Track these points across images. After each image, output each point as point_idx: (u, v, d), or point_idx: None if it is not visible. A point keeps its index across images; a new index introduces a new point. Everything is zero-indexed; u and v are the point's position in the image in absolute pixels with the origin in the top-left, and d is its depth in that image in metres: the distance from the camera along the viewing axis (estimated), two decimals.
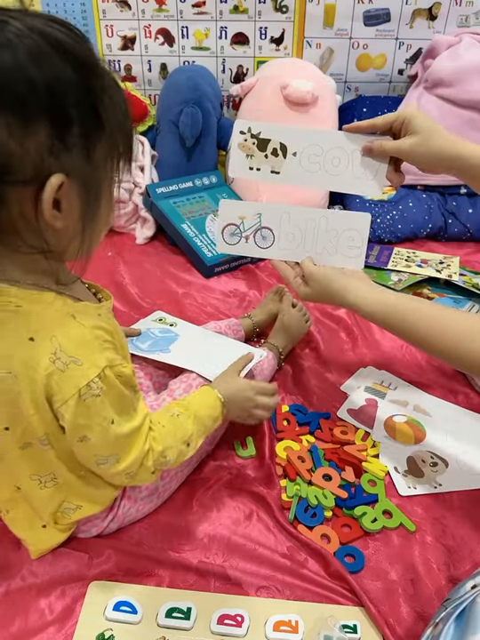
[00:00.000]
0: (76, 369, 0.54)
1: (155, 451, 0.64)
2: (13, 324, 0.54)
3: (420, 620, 0.66)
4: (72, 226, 0.52)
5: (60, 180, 0.47)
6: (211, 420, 0.73)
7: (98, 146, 0.49)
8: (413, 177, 1.59)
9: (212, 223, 1.48)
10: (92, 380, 0.54)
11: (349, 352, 1.12)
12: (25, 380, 0.54)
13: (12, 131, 0.44)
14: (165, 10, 1.63)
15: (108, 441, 0.59)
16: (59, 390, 0.54)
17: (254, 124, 0.82)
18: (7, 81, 0.43)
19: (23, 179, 0.46)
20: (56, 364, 0.53)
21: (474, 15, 1.67)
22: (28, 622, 0.65)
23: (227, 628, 0.65)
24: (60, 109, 0.45)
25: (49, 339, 0.53)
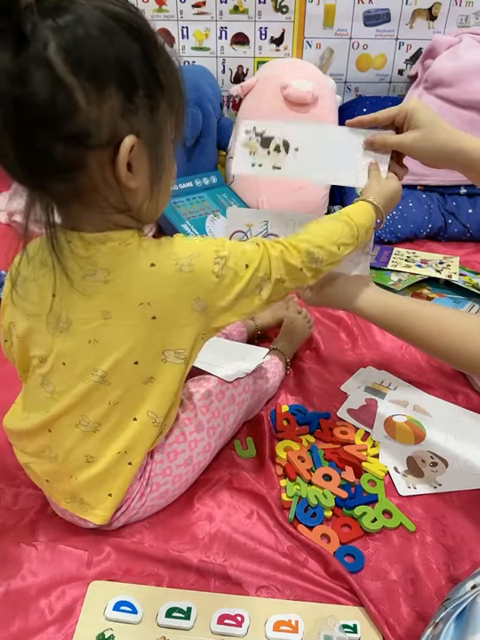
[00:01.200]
0: (199, 260, 0.60)
1: (298, 247, 0.68)
2: (130, 259, 0.58)
3: (420, 620, 0.66)
4: (143, 185, 0.57)
5: (132, 142, 0.51)
6: (363, 230, 0.75)
7: (159, 105, 0.54)
8: (413, 177, 1.59)
9: (212, 223, 1.48)
10: (215, 257, 0.61)
11: (349, 352, 1.12)
12: (161, 301, 0.60)
13: (90, 97, 0.48)
14: (165, 10, 1.63)
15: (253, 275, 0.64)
16: (200, 287, 0.61)
17: (259, 123, 0.84)
18: (83, 52, 0.47)
19: (100, 142, 0.50)
20: (184, 270, 0.59)
21: (474, 15, 1.67)
22: (28, 622, 0.65)
23: (227, 628, 0.65)
24: (127, 75, 0.50)
25: (166, 256, 0.59)
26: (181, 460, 0.76)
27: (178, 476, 0.76)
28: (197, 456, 0.78)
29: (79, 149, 0.50)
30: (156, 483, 0.74)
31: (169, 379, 0.66)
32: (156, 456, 0.74)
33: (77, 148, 0.50)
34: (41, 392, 0.66)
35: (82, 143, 0.50)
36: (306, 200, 1.56)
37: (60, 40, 0.46)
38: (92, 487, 0.69)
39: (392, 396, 1.00)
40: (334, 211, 1.64)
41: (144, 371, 0.64)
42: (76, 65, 0.47)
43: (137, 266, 0.58)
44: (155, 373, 0.65)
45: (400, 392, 1.01)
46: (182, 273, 0.59)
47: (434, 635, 0.54)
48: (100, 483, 0.69)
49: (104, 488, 0.69)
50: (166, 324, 0.61)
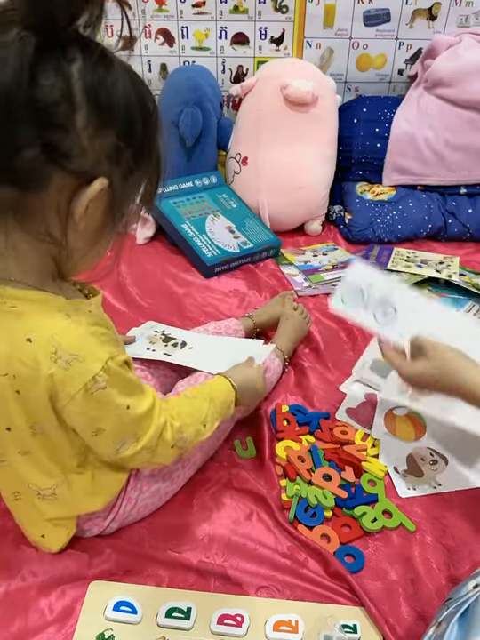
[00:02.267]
0: (80, 365, 0.54)
1: (173, 426, 0.65)
2: (9, 324, 0.54)
3: (421, 620, 0.66)
4: (87, 233, 0.54)
5: (103, 185, 0.50)
6: (225, 406, 0.74)
7: (135, 173, 0.54)
8: (413, 177, 1.59)
9: (211, 223, 1.48)
10: (97, 373, 0.55)
11: (349, 352, 1.12)
12: (25, 380, 0.55)
13: (89, 124, 0.48)
14: (165, 10, 1.63)
15: (126, 425, 0.60)
16: (63, 388, 0.55)
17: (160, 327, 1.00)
18: (103, 87, 0.48)
19: (75, 169, 0.49)
20: (58, 364, 0.54)
21: (474, 15, 1.67)
22: (28, 622, 0.65)
23: (227, 628, 0.65)
24: (128, 130, 0.51)
25: (47, 339, 0.53)
26: None
27: (168, 474, 0.76)
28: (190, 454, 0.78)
29: (50, 163, 0.48)
30: (146, 484, 0.74)
31: (43, 451, 0.62)
32: None
33: (50, 161, 0.48)
34: None
35: (57, 160, 0.48)
36: (306, 200, 1.56)
37: (87, 66, 0.47)
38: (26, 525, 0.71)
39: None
40: (334, 211, 1.64)
41: (17, 440, 0.60)
42: (91, 92, 0.48)
43: (14, 334, 0.54)
44: (27, 447, 0.61)
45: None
46: (54, 365, 0.54)
47: (437, 634, 0.54)
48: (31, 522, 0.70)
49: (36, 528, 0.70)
50: (28, 403, 0.57)
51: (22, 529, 0.72)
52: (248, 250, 1.43)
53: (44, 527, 0.69)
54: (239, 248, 1.43)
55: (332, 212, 1.65)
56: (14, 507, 0.70)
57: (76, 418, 0.58)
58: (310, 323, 1.14)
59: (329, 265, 1.43)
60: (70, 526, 0.69)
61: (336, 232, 1.62)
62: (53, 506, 0.66)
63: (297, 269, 1.42)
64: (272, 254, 1.48)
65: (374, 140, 1.61)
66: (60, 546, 0.71)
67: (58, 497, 0.65)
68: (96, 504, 0.69)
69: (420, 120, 1.57)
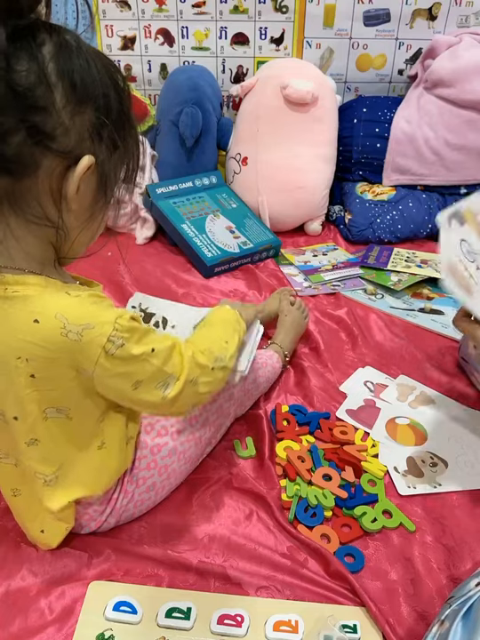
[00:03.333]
0: (92, 332, 0.55)
1: (203, 351, 0.67)
2: (14, 309, 0.55)
3: (421, 620, 0.66)
4: (82, 212, 0.56)
5: (90, 162, 0.52)
6: (233, 321, 0.77)
7: (118, 149, 0.56)
8: (413, 177, 1.59)
9: (211, 223, 1.48)
10: (110, 334, 0.56)
11: (349, 352, 1.12)
12: (40, 361, 0.56)
13: (68, 102, 0.50)
14: (165, 10, 1.63)
15: (159, 368, 0.61)
16: (85, 358, 0.56)
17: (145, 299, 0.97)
18: (75, 66, 0.50)
19: (61, 149, 0.51)
20: (70, 337, 0.55)
21: (474, 15, 1.67)
22: (28, 622, 0.65)
23: (227, 628, 0.65)
24: (105, 105, 0.53)
25: (53, 316, 0.54)
26: (165, 451, 0.76)
27: (163, 467, 0.76)
28: (181, 445, 0.78)
29: (38, 147, 0.50)
30: (141, 478, 0.74)
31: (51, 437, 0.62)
32: (138, 452, 0.74)
33: (37, 144, 0.49)
34: None
35: (43, 142, 0.50)
36: (306, 200, 1.56)
37: (56, 47, 0.49)
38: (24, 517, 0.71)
39: (400, 380, 1.02)
40: (334, 211, 1.64)
41: (24, 428, 0.61)
42: (65, 72, 0.49)
43: (19, 317, 0.55)
44: (36, 434, 0.61)
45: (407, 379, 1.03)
46: (67, 339, 0.55)
47: (441, 633, 0.54)
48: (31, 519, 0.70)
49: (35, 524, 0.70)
50: (45, 385, 0.58)
51: (21, 525, 0.72)
52: (248, 250, 1.43)
53: (44, 522, 0.69)
54: (239, 248, 1.43)
55: (332, 212, 1.65)
56: (13, 503, 0.70)
57: (110, 380, 0.59)
58: (308, 317, 1.14)
59: (329, 265, 1.43)
60: (69, 520, 0.69)
61: (336, 232, 1.62)
62: (56, 491, 0.66)
63: (297, 269, 1.42)
64: (272, 254, 1.48)
65: (374, 140, 1.61)
66: (58, 541, 0.71)
67: (59, 480, 0.65)
68: (100, 484, 0.69)
69: (419, 120, 1.57)
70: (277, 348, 1.03)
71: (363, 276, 1.38)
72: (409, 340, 1.16)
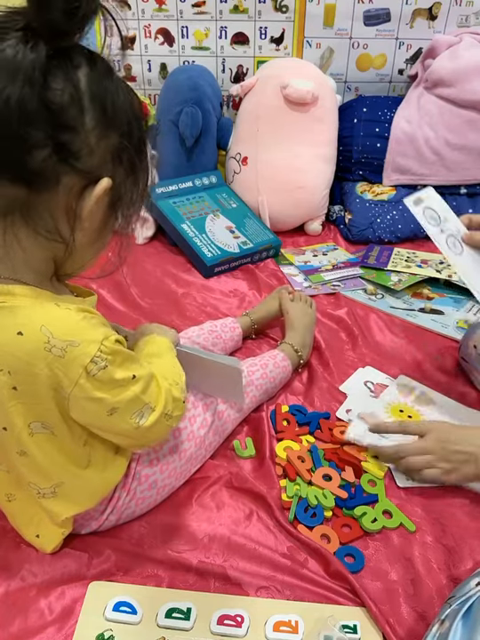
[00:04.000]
0: (76, 350, 0.54)
1: (175, 383, 0.66)
2: (6, 319, 0.54)
3: (421, 620, 0.66)
4: (90, 232, 0.56)
5: (109, 184, 0.54)
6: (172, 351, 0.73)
7: (135, 173, 0.57)
8: (413, 177, 1.59)
9: (211, 223, 1.48)
10: (95, 355, 0.55)
11: (349, 352, 1.12)
12: (22, 375, 0.55)
13: (97, 126, 0.52)
14: (165, 10, 1.63)
15: (137, 396, 0.60)
16: (64, 376, 0.55)
17: None
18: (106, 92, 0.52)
19: (83, 169, 0.52)
20: (53, 352, 0.54)
21: (474, 15, 1.67)
22: (28, 622, 0.65)
23: (227, 629, 0.65)
24: (129, 133, 0.55)
25: (38, 329, 0.53)
26: (166, 449, 0.76)
27: (165, 464, 0.76)
28: (182, 444, 0.78)
29: (61, 164, 0.51)
30: (143, 475, 0.74)
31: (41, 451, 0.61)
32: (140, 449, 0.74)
33: (61, 161, 0.51)
34: None
35: (67, 160, 0.51)
36: (306, 200, 1.56)
37: (91, 72, 0.51)
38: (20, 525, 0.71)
39: (400, 380, 1.02)
40: (334, 211, 1.64)
41: (13, 440, 0.60)
42: (97, 96, 0.51)
43: (4, 329, 0.54)
44: (24, 447, 0.61)
45: (407, 379, 1.03)
46: (50, 354, 0.54)
47: (441, 632, 0.54)
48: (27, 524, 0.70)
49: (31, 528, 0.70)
50: (27, 398, 0.57)
51: (17, 529, 0.72)
52: (248, 250, 1.43)
53: (39, 526, 0.69)
54: (239, 248, 1.43)
55: (332, 212, 1.65)
56: (8, 508, 0.70)
57: (86, 404, 0.57)
58: (314, 305, 1.13)
59: (329, 265, 1.43)
60: (67, 525, 0.69)
61: (336, 232, 1.62)
62: (55, 503, 0.66)
63: (297, 269, 1.42)
64: (272, 254, 1.48)
65: (374, 140, 1.61)
66: (53, 547, 0.70)
67: (59, 495, 0.65)
68: (94, 500, 0.69)
69: (419, 120, 1.57)
70: (285, 345, 1.02)
71: (363, 276, 1.37)
72: (409, 340, 1.15)
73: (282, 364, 0.98)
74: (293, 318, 1.08)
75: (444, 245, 0.85)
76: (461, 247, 0.86)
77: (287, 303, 1.11)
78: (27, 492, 0.66)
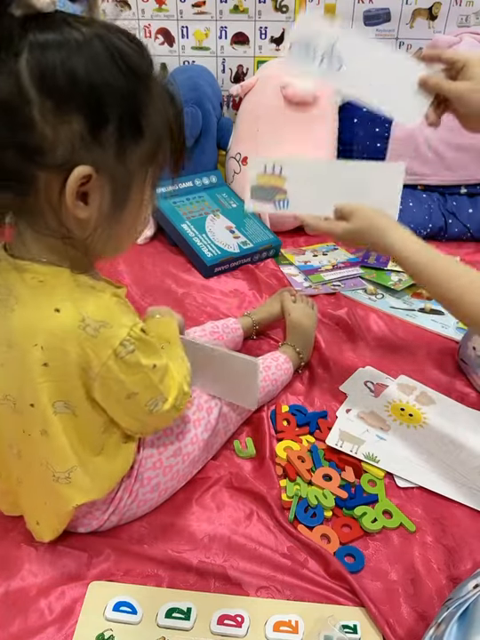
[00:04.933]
0: (107, 331, 0.56)
1: (185, 376, 0.68)
2: (37, 296, 0.56)
3: (421, 620, 0.66)
4: (97, 219, 0.54)
5: (85, 172, 0.50)
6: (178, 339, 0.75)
7: (134, 149, 0.53)
8: (413, 177, 1.59)
9: (211, 223, 1.48)
10: (124, 338, 0.57)
11: (349, 352, 1.12)
12: (54, 351, 0.56)
13: (47, 116, 0.47)
14: (165, 10, 1.63)
15: (155, 385, 0.63)
16: (95, 356, 0.57)
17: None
18: (55, 72, 0.47)
19: (53, 163, 0.49)
20: (87, 331, 0.55)
21: (474, 15, 1.67)
22: (28, 622, 0.65)
23: (227, 629, 0.65)
24: (97, 107, 0.49)
25: (75, 308, 0.55)
26: (170, 451, 0.76)
27: (168, 467, 0.76)
28: (186, 447, 0.78)
29: (29, 164, 0.49)
30: (146, 477, 0.74)
31: (63, 432, 0.62)
32: (144, 451, 0.74)
33: (27, 161, 0.49)
34: None
35: (32, 158, 0.49)
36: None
37: (34, 55, 0.46)
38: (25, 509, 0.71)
39: (400, 380, 1.02)
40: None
41: (38, 418, 0.61)
42: (43, 83, 0.47)
43: (42, 306, 0.56)
44: (47, 425, 0.61)
45: (407, 379, 1.03)
46: (83, 333, 0.55)
47: (436, 635, 0.54)
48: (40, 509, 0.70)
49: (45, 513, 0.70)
50: (56, 375, 0.58)
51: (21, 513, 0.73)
52: (248, 250, 1.43)
53: (41, 515, 0.69)
54: (239, 248, 1.43)
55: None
56: (17, 490, 0.70)
57: (110, 384, 0.59)
58: (316, 307, 1.13)
59: (329, 265, 1.43)
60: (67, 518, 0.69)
61: None
62: (67, 489, 0.66)
63: (297, 269, 1.42)
64: (272, 254, 1.48)
65: (374, 140, 1.60)
66: (51, 537, 0.71)
67: (72, 481, 0.65)
68: (103, 490, 0.69)
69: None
70: (287, 347, 1.02)
71: (363, 276, 1.37)
72: (409, 340, 1.15)
73: (284, 367, 0.98)
74: (295, 320, 1.08)
75: None
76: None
77: (289, 305, 1.11)
78: (36, 477, 0.66)
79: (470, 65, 0.76)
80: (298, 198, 0.87)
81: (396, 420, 0.93)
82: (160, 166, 0.57)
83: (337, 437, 0.88)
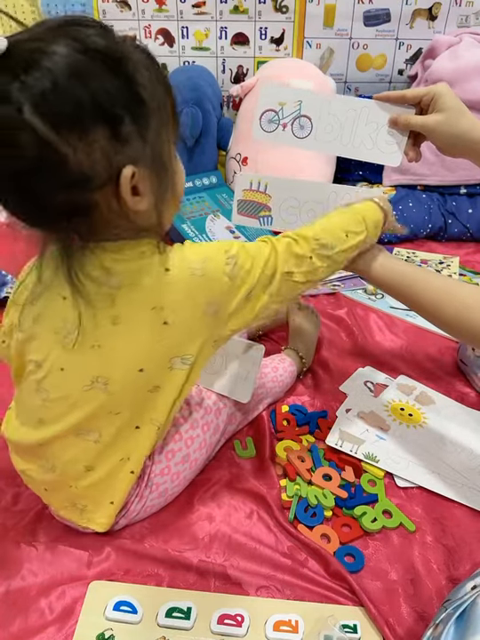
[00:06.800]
0: (211, 264, 0.61)
1: (305, 237, 0.69)
2: (144, 265, 0.59)
3: (421, 620, 0.66)
4: (155, 201, 0.57)
5: (129, 172, 0.52)
6: (371, 222, 0.76)
7: (149, 123, 0.53)
8: (413, 177, 1.59)
9: (211, 223, 1.48)
10: (225, 260, 0.62)
11: (349, 352, 1.12)
12: (176, 306, 0.60)
13: (76, 146, 0.49)
14: (165, 10, 1.63)
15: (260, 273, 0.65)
16: (213, 288, 0.62)
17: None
18: (58, 105, 0.47)
19: (100, 182, 0.52)
20: (196, 274, 0.60)
21: (474, 15, 1.67)
22: (28, 622, 0.65)
23: (227, 628, 0.65)
24: (108, 112, 0.50)
25: (180, 260, 0.60)
26: (179, 457, 0.76)
27: (176, 474, 0.76)
28: (194, 453, 0.78)
29: (82, 193, 0.52)
30: (155, 483, 0.74)
31: (174, 386, 0.66)
32: (154, 457, 0.74)
33: (79, 192, 0.51)
34: (34, 399, 0.65)
35: (82, 188, 0.51)
36: None
37: (31, 100, 0.46)
38: (92, 495, 0.69)
39: (400, 380, 1.02)
40: None
41: (149, 379, 0.63)
42: (55, 121, 0.47)
43: (151, 271, 0.59)
44: (160, 381, 0.64)
45: (407, 379, 1.03)
46: (195, 277, 0.60)
47: (434, 636, 0.54)
48: (102, 491, 0.69)
49: (106, 496, 0.70)
50: (177, 330, 0.61)
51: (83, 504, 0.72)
52: None
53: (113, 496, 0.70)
54: None
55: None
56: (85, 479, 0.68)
57: (234, 297, 0.63)
58: (319, 317, 1.13)
59: None
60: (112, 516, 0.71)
61: None
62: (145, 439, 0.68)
63: None
64: None
65: None
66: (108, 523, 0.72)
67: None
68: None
69: None
70: (291, 351, 1.03)
71: None
72: (409, 340, 1.16)
73: (289, 369, 0.99)
74: (299, 325, 1.08)
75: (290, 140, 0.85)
76: (310, 124, 0.83)
77: (294, 310, 1.11)
78: (111, 462, 0.67)
79: (440, 95, 0.76)
80: (282, 217, 0.87)
81: (395, 419, 0.93)
82: (171, 124, 0.59)
83: (337, 437, 0.89)
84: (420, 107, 0.80)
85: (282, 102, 0.83)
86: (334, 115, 0.83)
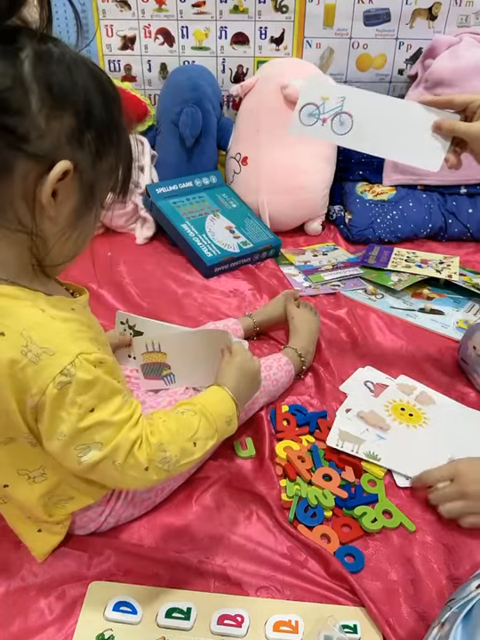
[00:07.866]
0: (49, 359, 0.53)
1: (150, 443, 0.59)
2: None
3: (421, 620, 0.66)
4: (61, 219, 0.54)
5: (66, 167, 0.51)
6: (222, 420, 0.66)
7: (104, 159, 0.55)
8: (413, 177, 1.59)
9: (211, 223, 1.48)
10: (65, 367, 0.53)
11: (349, 352, 1.12)
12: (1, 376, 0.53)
13: (44, 106, 0.49)
14: (165, 10, 1.63)
15: (85, 429, 0.55)
16: (34, 383, 0.53)
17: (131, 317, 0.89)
18: (54, 72, 0.50)
19: (35, 152, 0.50)
20: (28, 357, 0.53)
21: (474, 15, 1.67)
22: (28, 622, 0.65)
23: (227, 629, 0.65)
24: (87, 110, 0.52)
25: (19, 332, 0.53)
26: None
27: None
28: None
29: (10, 149, 0.49)
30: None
31: None
32: None
33: (9, 146, 0.49)
34: None
35: (16, 144, 0.49)
36: (306, 200, 1.56)
37: (35, 53, 0.49)
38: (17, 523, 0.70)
39: (400, 380, 1.02)
40: (334, 211, 1.64)
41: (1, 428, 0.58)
42: (42, 77, 0.49)
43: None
44: (13, 434, 0.58)
45: (407, 379, 1.03)
46: (25, 358, 0.52)
47: (441, 635, 0.54)
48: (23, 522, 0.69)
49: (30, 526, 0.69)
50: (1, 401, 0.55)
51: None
52: (248, 250, 1.43)
53: (30, 532, 0.69)
54: (239, 248, 1.43)
55: (332, 212, 1.65)
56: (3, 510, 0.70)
57: (45, 415, 0.54)
58: (319, 314, 1.13)
59: (329, 265, 1.43)
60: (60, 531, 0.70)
61: (336, 232, 1.62)
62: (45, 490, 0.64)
63: (297, 269, 1.42)
64: (272, 254, 1.48)
65: None
66: (44, 554, 0.71)
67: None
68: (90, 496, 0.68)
69: None
70: (289, 350, 1.02)
71: (363, 276, 1.37)
72: (409, 340, 1.16)
73: (285, 368, 0.98)
74: (299, 324, 1.07)
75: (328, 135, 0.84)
76: (351, 121, 0.83)
77: (293, 309, 1.10)
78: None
79: None
80: (180, 370, 0.84)
81: (395, 419, 0.93)
82: (113, 186, 0.58)
83: (337, 437, 0.88)
84: (464, 113, 0.80)
85: (325, 97, 0.82)
86: (377, 114, 0.82)
